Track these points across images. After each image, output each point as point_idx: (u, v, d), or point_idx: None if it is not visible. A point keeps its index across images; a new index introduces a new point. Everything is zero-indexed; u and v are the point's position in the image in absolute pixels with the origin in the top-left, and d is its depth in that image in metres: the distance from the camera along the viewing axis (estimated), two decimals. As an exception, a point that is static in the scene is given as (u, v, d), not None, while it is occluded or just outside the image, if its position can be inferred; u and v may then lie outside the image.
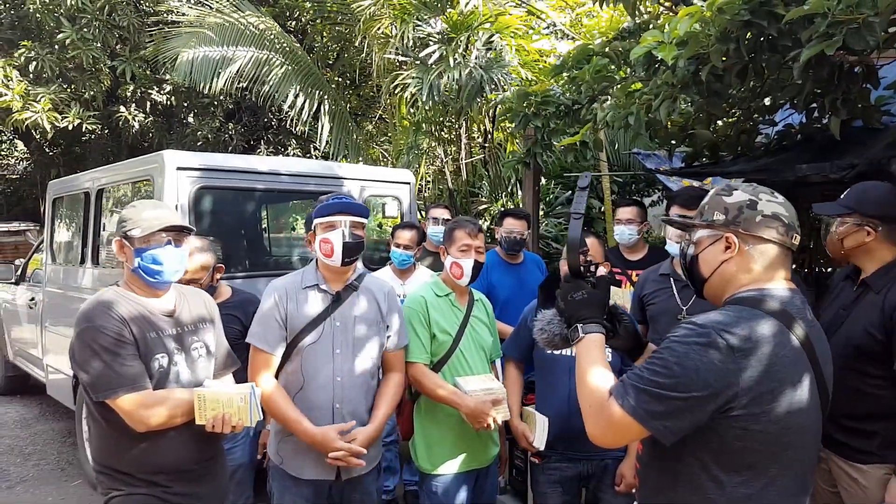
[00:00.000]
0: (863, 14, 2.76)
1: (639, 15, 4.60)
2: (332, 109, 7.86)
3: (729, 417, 1.41)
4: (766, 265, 1.54)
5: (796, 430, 1.46)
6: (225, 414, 2.09)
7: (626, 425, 1.43)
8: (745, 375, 1.38)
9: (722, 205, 1.59)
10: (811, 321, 1.54)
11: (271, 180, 4.44)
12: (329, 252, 2.36)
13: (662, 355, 1.44)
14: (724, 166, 5.47)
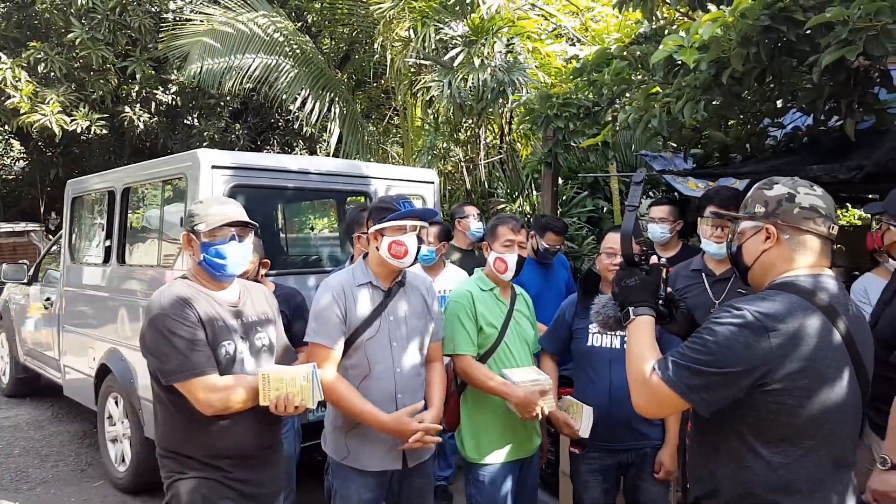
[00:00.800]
0: (881, 21, 2.90)
1: (655, 20, 4.73)
2: (342, 110, 7.96)
3: (764, 392, 1.53)
4: (804, 254, 1.65)
5: (830, 406, 1.55)
6: (289, 393, 2.18)
7: (668, 397, 1.57)
8: (776, 353, 1.50)
9: (763, 198, 1.71)
10: (848, 306, 1.64)
11: (301, 179, 4.54)
12: (402, 254, 2.47)
13: (702, 335, 1.58)
14: (735, 167, 5.62)
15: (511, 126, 7.04)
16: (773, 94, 4.48)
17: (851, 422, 1.64)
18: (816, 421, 1.56)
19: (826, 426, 1.57)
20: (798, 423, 1.55)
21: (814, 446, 1.57)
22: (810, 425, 1.56)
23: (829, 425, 1.58)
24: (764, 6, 3.31)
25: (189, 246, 2.33)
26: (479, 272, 2.88)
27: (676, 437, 2.76)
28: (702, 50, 3.55)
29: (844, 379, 1.58)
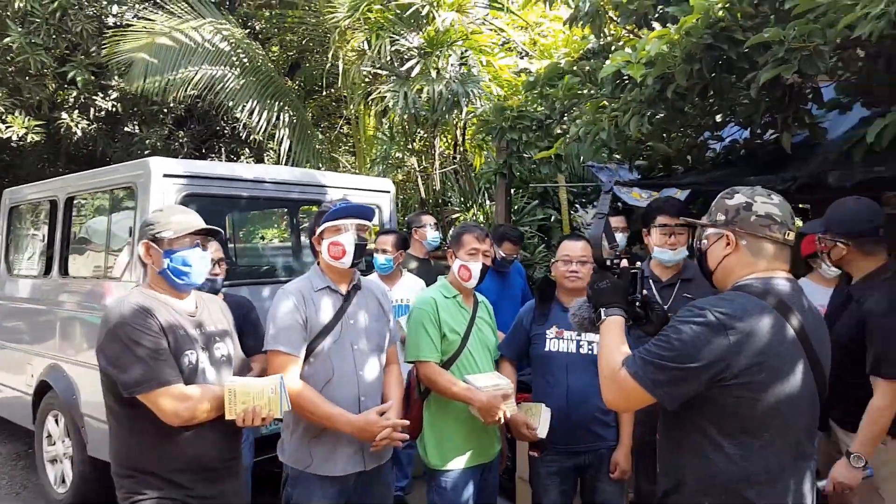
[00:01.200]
0: (814, 42, 3.10)
1: (603, 37, 4.90)
2: (291, 119, 7.89)
3: (723, 387, 1.62)
4: (762, 259, 1.76)
5: (785, 399, 1.65)
6: (256, 406, 2.17)
7: (635, 391, 1.67)
8: (734, 350, 1.60)
9: (724, 206, 1.83)
10: (805, 307, 1.75)
11: (256, 188, 4.49)
12: (339, 254, 2.50)
13: (667, 332, 1.68)
14: (678, 178, 5.86)
15: (465, 136, 7.14)
16: (712, 108, 4.69)
17: (808, 414, 1.73)
18: (773, 413, 1.64)
19: (782, 418, 1.66)
20: (756, 416, 1.64)
21: (772, 438, 1.66)
22: (767, 417, 1.65)
23: (785, 417, 1.67)
24: (707, 25, 3.48)
25: (148, 255, 2.28)
26: (443, 280, 2.93)
27: (630, 437, 2.87)
28: (648, 66, 3.70)
29: (799, 373, 1.67)
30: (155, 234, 2.26)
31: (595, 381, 2.80)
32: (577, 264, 2.87)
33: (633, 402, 1.79)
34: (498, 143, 4.80)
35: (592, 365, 2.81)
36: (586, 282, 2.88)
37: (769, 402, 1.64)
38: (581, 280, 2.87)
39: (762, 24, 3.61)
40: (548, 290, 2.97)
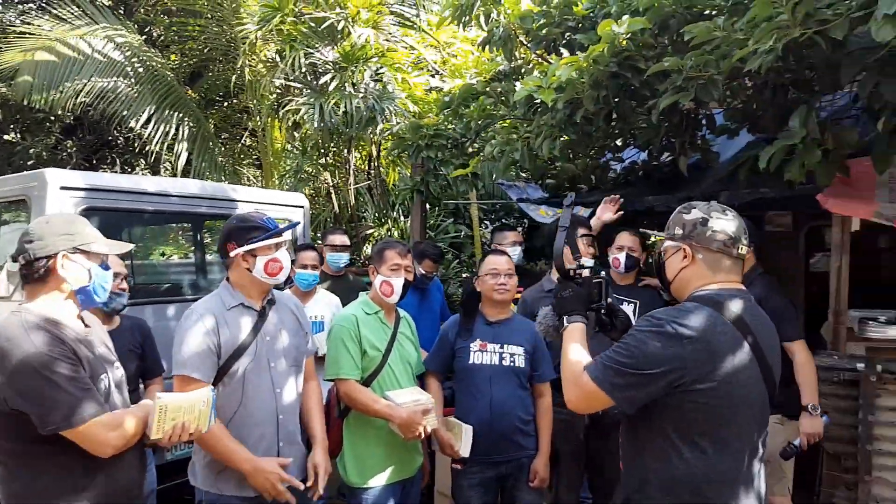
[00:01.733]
0: (709, 72, 3.35)
1: (514, 60, 5.09)
2: (192, 130, 7.61)
3: (680, 393, 1.71)
4: (716, 271, 1.86)
5: (739, 403, 1.73)
6: (185, 421, 2.05)
7: (595, 393, 1.76)
8: (690, 358, 1.69)
9: (681, 221, 1.92)
10: (757, 317, 1.85)
11: (161, 202, 4.28)
12: (277, 271, 2.42)
13: (626, 340, 1.77)
14: (583, 197, 6.13)
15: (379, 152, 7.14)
16: (614, 132, 4.95)
17: (759, 418, 1.82)
18: (728, 418, 1.73)
19: (737, 423, 1.75)
20: (712, 421, 1.73)
21: (728, 441, 1.74)
22: (723, 422, 1.73)
23: (740, 421, 1.75)
24: (612, 54, 3.70)
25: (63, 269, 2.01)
26: (364, 296, 2.91)
27: (549, 446, 2.97)
28: (558, 91, 3.88)
29: (752, 380, 1.77)
30: (80, 246, 2.04)
31: (516, 391, 2.96)
32: (504, 277, 2.95)
33: (594, 404, 1.86)
34: (415, 160, 4.85)
35: (514, 376, 2.92)
36: (513, 294, 3.00)
37: (724, 408, 1.72)
38: (509, 292, 2.96)
39: (661, 54, 3.88)
40: (471, 305, 3.03)
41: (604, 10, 4.38)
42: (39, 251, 1.99)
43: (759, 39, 2.79)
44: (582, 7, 4.48)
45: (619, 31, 3.61)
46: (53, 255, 2.01)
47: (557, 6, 4.56)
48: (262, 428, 2.44)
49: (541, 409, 3.01)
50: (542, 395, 3.03)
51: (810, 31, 2.63)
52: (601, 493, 3.34)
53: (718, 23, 3.26)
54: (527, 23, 4.40)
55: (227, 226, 2.50)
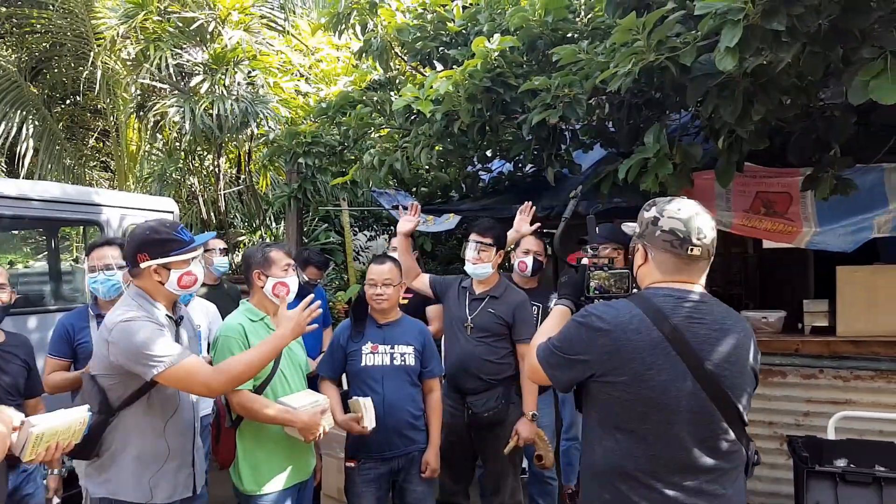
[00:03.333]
0: (574, 91, 3.66)
1: (390, 70, 5.21)
2: (37, 129, 6.98)
3: (595, 382, 1.78)
4: (664, 270, 1.83)
5: (652, 402, 1.71)
6: (59, 441, 1.96)
7: (538, 369, 1.91)
8: (601, 350, 1.75)
9: (641, 219, 1.91)
10: (692, 316, 1.76)
11: (20, 206, 3.92)
12: (192, 283, 2.36)
13: (563, 327, 1.90)
14: (455, 204, 6.38)
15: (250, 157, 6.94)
16: (483, 143, 5.20)
17: (690, 422, 1.72)
18: (640, 414, 1.73)
19: (651, 422, 1.72)
20: (624, 414, 1.75)
21: (642, 438, 1.73)
22: (635, 417, 1.74)
23: (656, 422, 1.72)
24: (486, 70, 3.92)
25: None
26: (246, 303, 2.85)
27: (439, 438, 3.10)
28: (436, 103, 4.04)
29: (669, 381, 1.71)
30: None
31: (407, 389, 3.05)
32: (381, 287, 3.01)
33: (538, 378, 1.97)
34: (291, 166, 4.81)
35: (405, 374, 3.02)
36: (393, 302, 3.09)
37: (634, 405, 1.73)
38: (387, 301, 3.03)
39: (529, 72, 4.16)
40: (361, 309, 3.09)
41: (476, 27, 4.62)
42: None
43: (619, 63, 3.09)
44: (455, 24, 4.69)
45: (491, 48, 3.84)
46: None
47: (432, 21, 4.75)
48: (187, 435, 2.42)
49: (430, 404, 3.12)
50: (431, 391, 3.14)
51: (662, 56, 2.97)
52: (487, 489, 3.50)
53: (583, 46, 3.58)
54: (404, 35, 4.54)
55: (139, 236, 2.36)
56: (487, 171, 6.24)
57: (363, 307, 3.08)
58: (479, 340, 3.32)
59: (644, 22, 2.94)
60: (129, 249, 2.36)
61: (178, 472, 2.37)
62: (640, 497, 1.73)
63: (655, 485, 1.72)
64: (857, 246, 3.64)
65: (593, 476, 1.85)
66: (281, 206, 5.29)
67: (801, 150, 3.72)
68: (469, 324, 3.35)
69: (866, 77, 2.59)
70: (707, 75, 3.05)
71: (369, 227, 9.45)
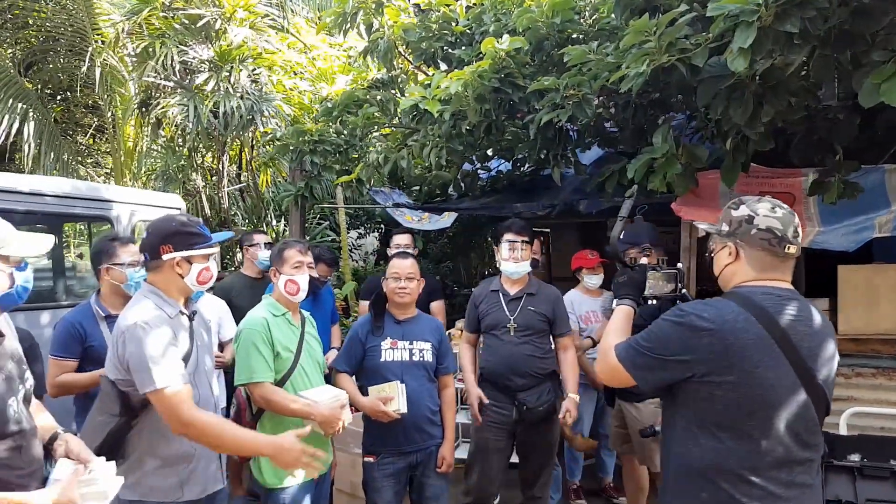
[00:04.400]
0: (583, 91, 3.70)
1: (393, 69, 5.24)
2: (38, 124, 6.91)
3: (697, 383, 1.74)
4: (759, 270, 1.83)
5: (759, 399, 1.71)
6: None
7: (619, 370, 1.86)
8: (706, 350, 1.72)
9: (728, 217, 1.89)
10: (794, 315, 1.78)
11: (34, 202, 3.90)
12: (207, 280, 2.35)
13: (652, 326, 1.84)
14: (455, 203, 6.42)
15: (252, 155, 6.92)
16: (488, 143, 5.23)
17: (790, 417, 1.74)
18: (746, 412, 1.73)
19: (757, 419, 1.73)
20: (728, 413, 1.74)
21: (747, 435, 1.73)
22: (740, 415, 1.73)
23: (762, 419, 1.73)
24: (494, 70, 3.96)
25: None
26: (269, 298, 2.88)
27: (454, 432, 3.14)
28: (444, 102, 4.07)
29: (775, 378, 1.73)
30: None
31: (425, 384, 3.09)
32: (405, 280, 3.06)
33: (616, 380, 1.93)
34: (296, 165, 4.82)
35: (423, 370, 3.06)
36: (414, 296, 3.12)
37: (741, 403, 1.72)
38: (409, 295, 3.07)
39: (535, 73, 4.20)
40: (381, 305, 3.12)
41: (481, 28, 4.65)
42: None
43: (631, 64, 3.13)
44: (460, 24, 4.73)
45: (501, 49, 3.87)
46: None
47: (436, 21, 4.78)
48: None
49: (445, 400, 3.16)
50: (446, 387, 3.18)
51: (674, 58, 3.01)
52: (525, 483, 3.55)
53: (592, 47, 3.62)
54: (410, 35, 4.56)
55: (164, 227, 2.34)
56: (486, 169, 6.28)
57: (382, 302, 3.11)
58: (525, 339, 3.38)
59: (657, 24, 2.99)
60: (152, 240, 2.31)
61: (206, 468, 2.37)
62: (741, 494, 1.73)
63: (757, 480, 1.73)
64: (858, 245, 3.71)
65: (688, 476, 1.82)
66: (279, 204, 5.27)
67: (804, 152, 3.79)
68: (512, 324, 3.38)
69: (878, 80, 2.65)
70: (717, 77, 3.11)
71: (362, 225, 9.48)
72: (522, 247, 3.42)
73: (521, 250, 3.42)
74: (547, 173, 6.31)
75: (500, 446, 3.40)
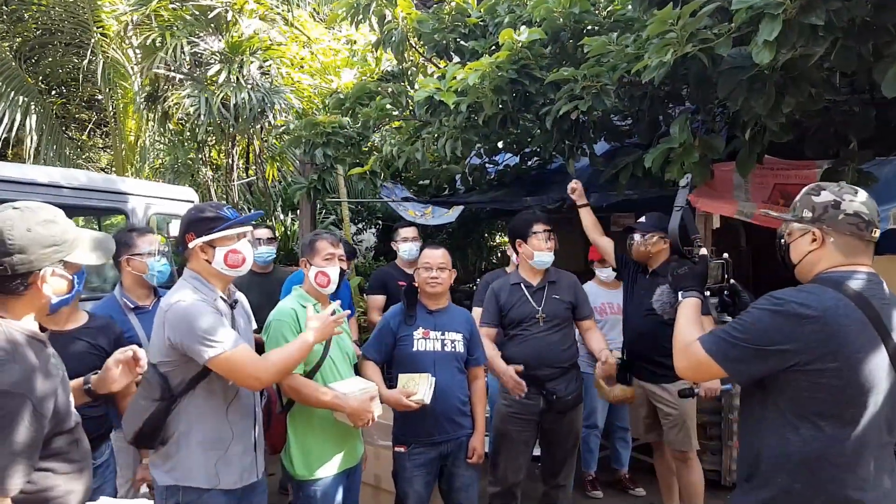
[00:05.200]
0: (601, 82, 3.71)
1: (404, 61, 5.23)
2: (40, 117, 6.84)
3: (798, 372, 1.70)
4: (846, 254, 1.81)
5: (862, 388, 1.69)
6: None
7: (707, 364, 1.81)
8: (809, 338, 1.68)
9: (810, 203, 1.87)
10: (886, 299, 1.78)
11: (52, 194, 3.86)
12: (240, 262, 2.36)
13: (744, 316, 1.79)
14: (464, 196, 6.42)
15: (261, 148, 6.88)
16: (494, 135, 5.22)
17: (885, 402, 1.74)
18: (848, 400, 1.71)
19: (858, 405, 1.71)
20: (830, 401, 1.71)
21: (847, 423, 1.71)
22: (842, 404, 1.71)
23: (861, 405, 1.71)
24: (511, 62, 3.96)
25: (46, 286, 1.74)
26: (299, 289, 2.87)
27: (483, 423, 3.16)
28: (460, 94, 4.07)
29: (876, 364, 1.72)
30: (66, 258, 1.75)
31: (456, 375, 3.10)
32: (436, 270, 3.07)
33: (704, 374, 1.89)
34: (309, 157, 4.79)
35: (455, 360, 3.07)
36: (446, 286, 3.13)
37: (844, 390, 1.70)
38: (441, 285, 3.08)
39: (551, 64, 4.20)
40: (413, 295, 3.14)
41: (495, 19, 4.65)
42: (21, 266, 1.65)
43: (653, 54, 3.13)
44: (473, 16, 4.72)
45: (520, 40, 3.87)
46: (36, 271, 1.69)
47: (449, 13, 4.77)
48: (248, 419, 2.42)
49: (476, 391, 3.17)
50: (476, 378, 3.19)
51: (697, 48, 3.02)
52: (549, 471, 3.58)
53: (612, 38, 3.63)
54: (424, 27, 4.55)
55: (186, 216, 2.40)
56: (494, 163, 6.28)
57: (414, 293, 3.12)
58: (553, 328, 3.40)
59: (680, 14, 3.00)
60: (180, 230, 2.39)
61: (242, 456, 2.38)
62: (838, 483, 1.72)
63: (855, 467, 1.72)
64: (873, 237, 3.75)
65: (784, 466, 1.78)
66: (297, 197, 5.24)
67: (819, 144, 3.82)
68: (541, 314, 3.39)
69: (901, 71, 2.69)
70: (738, 68, 3.12)
71: (363, 220, 9.46)
72: (551, 236, 3.46)
73: (551, 239, 3.46)
74: (553, 167, 6.35)
75: (525, 437, 3.42)
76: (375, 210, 9.39)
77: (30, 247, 1.66)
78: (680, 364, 1.91)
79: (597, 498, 4.50)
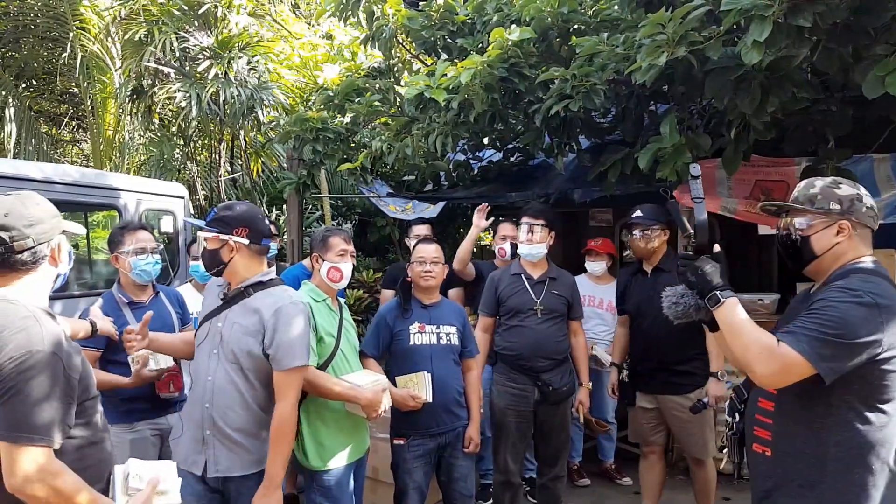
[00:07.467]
0: (591, 81, 3.80)
1: (391, 58, 5.26)
2: (17, 110, 6.68)
3: (875, 362, 1.74)
4: (867, 244, 1.92)
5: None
6: None
7: (797, 365, 1.73)
8: (884, 327, 1.73)
9: (836, 196, 1.92)
10: None
11: (45, 189, 3.81)
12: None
13: (826, 312, 1.75)
14: (448, 192, 6.46)
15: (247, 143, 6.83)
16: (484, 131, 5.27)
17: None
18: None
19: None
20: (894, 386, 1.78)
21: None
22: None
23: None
24: (502, 60, 4.02)
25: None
26: (309, 284, 2.90)
27: (479, 414, 3.23)
28: (450, 91, 4.12)
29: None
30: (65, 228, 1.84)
31: (452, 367, 3.16)
32: (430, 265, 3.13)
33: (792, 376, 1.79)
34: (298, 153, 4.80)
35: (451, 353, 3.14)
36: (440, 280, 3.18)
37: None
38: (434, 279, 3.14)
39: (539, 63, 4.28)
40: (408, 290, 3.19)
41: (483, 18, 4.71)
42: (43, 236, 1.75)
43: (646, 55, 3.23)
44: (461, 14, 4.77)
45: (510, 39, 3.94)
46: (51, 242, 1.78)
47: (437, 10, 4.81)
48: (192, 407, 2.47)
49: (471, 382, 3.24)
50: (470, 369, 3.26)
51: (687, 50, 3.12)
52: (545, 463, 3.65)
53: (603, 38, 3.72)
54: (413, 24, 4.59)
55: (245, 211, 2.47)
56: (478, 159, 6.34)
57: (408, 287, 3.17)
58: (550, 321, 3.49)
59: (672, 17, 3.09)
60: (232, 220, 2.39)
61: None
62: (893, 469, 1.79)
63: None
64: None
65: (857, 460, 1.81)
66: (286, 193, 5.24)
67: (799, 142, 3.96)
68: (539, 307, 3.48)
69: (882, 72, 2.80)
70: (725, 68, 3.23)
71: (341, 216, 9.45)
72: (537, 229, 3.53)
73: (536, 232, 3.53)
74: (536, 163, 6.44)
75: (523, 428, 3.50)
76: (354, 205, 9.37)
77: (44, 217, 1.77)
78: (764, 370, 1.79)
79: (584, 486, 4.60)
